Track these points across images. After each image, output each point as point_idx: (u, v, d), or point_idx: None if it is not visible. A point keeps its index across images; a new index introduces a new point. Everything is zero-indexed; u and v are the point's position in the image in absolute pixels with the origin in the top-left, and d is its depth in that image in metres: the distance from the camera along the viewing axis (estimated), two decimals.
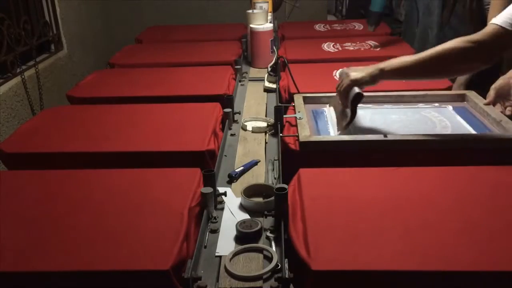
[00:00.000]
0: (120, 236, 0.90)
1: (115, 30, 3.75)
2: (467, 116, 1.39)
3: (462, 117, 1.39)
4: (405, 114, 1.43)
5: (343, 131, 1.30)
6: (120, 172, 1.15)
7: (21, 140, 1.34)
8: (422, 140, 1.19)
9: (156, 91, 1.71)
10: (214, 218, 1.06)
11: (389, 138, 1.20)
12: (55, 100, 2.67)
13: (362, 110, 1.44)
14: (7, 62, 2.25)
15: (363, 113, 1.43)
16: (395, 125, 1.35)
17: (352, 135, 1.24)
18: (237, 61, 2.07)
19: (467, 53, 1.18)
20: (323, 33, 2.56)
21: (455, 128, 1.32)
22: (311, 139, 1.21)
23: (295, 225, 0.93)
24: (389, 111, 1.46)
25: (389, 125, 1.35)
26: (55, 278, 0.83)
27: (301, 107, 1.42)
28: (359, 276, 0.81)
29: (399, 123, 1.37)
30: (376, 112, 1.46)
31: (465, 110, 1.43)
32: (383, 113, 1.45)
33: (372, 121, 1.38)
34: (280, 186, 1.01)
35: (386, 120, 1.39)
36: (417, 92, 1.52)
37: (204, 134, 1.30)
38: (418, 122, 1.37)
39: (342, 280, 0.81)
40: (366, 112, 1.45)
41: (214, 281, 0.89)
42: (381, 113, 1.45)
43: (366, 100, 1.42)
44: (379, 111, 1.46)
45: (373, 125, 1.36)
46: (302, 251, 0.84)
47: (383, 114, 1.44)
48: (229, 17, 3.60)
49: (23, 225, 0.95)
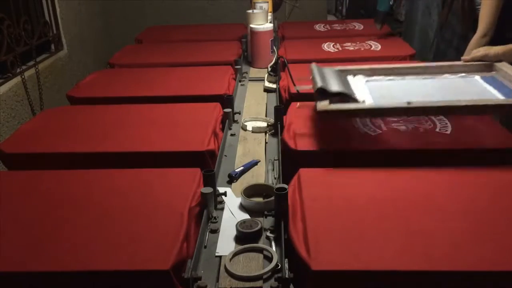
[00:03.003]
0: (120, 236, 0.90)
1: (115, 30, 3.75)
2: (497, 85, 1.34)
3: (492, 85, 1.34)
4: (430, 83, 1.39)
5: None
6: (120, 172, 1.15)
7: (21, 140, 1.34)
8: (449, 107, 1.14)
9: (156, 91, 1.71)
10: (214, 218, 1.06)
11: (413, 104, 1.14)
12: (55, 100, 2.67)
13: (383, 81, 1.41)
14: (7, 62, 2.25)
15: (384, 83, 1.40)
16: (418, 93, 1.31)
17: (373, 103, 1.21)
18: (237, 61, 2.07)
19: None
20: (323, 33, 2.56)
21: (484, 96, 1.27)
22: (330, 107, 1.15)
23: (295, 225, 0.93)
24: (412, 82, 1.42)
25: (412, 94, 1.29)
26: (55, 278, 0.83)
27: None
28: (359, 276, 0.81)
29: (423, 91, 1.32)
30: (398, 82, 1.42)
31: (494, 79, 1.38)
32: (405, 83, 1.42)
33: (394, 91, 1.34)
34: (280, 186, 1.01)
35: (409, 89, 1.35)
36: (443, 63, 1.48)
37: (204, 134, 1.30)
38: (443, 90, 1.33)
39: (342, 280, 0.81)
40: (388, 82, 1.42)
41: (214, 281, 0.89)
42: (403, 84, 1.42)
43: (389, 73, 1.42)
44: (401, 82, 1.43)
45: (394, 94, 1.32)
46: (302, 251, 0.84)
47: (405, 84, 1.41)
48: (229, 17, 3.61)
49: (23, 225, 0.95)
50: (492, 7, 1.91)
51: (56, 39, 2.84)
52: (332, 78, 1.29)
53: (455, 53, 2.16)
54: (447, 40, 2.22)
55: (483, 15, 1.93)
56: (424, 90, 1.36)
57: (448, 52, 2.21)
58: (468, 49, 2.01)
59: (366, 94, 1.30)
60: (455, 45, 2.16)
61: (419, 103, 1.16)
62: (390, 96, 1.30)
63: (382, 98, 1.27)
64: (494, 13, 1.91)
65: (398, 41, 2.37)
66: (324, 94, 1.18)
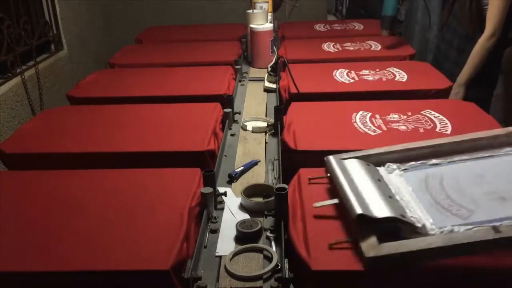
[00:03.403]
0: (120, 236, 0.90)
1: (115, 30, 3.75)
2: None
3: None
4: (484, 166, 1.00)
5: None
6: (120, 172, 1.15)
7: (21, 140, 1.34)
8: None
9: (156, 91, 1.71)
10: (214, 218, 1.06)
11: (503, 232, 0.77)
12: (55, 100, 2.67)
13: (422, 170, 1.02)
14: (7, 62, 2.25)
15: (423, 173, 1.00)
16: (478, 190, 0.92)
17: (442, 234, 0.81)
18: (237, 61, 2.07)
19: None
20: (323, 33, 2.56)
21: None
22: (382, 251, 0.78)
23: (295, 225, 0.93)
24: (459, 166, 1.01)
25: (469, 192, 0.91)
26: (55, 278, 0.83)
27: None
28: (359, 276, 0.81)
29: (483, 185, 0.94)
30: (441, 170, 1.00)
31: None
32: (450, 170, 1.01)
33: (447, 186, 0.94)
34: (280, 186, 1.01)
35: (460, 180, 0.96)
36: (496, 131, 1.07)
37: (204, 134, 1.30)
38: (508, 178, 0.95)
39: (342, 280, 0.81)
40: (430, 170, 1.01)
41: (214, 281, 0.89)
42: (448, 171, 1.00)
43: (429, 153, 1.05)
44: (445, 169, 1.01)
45: (449, 192, 0.93)
46: (302, 251, 0.84)
47: (451, 172, 1.00)
48: (229, 17, 3.61)
49: (23, 225, 0.95)
50: (500, 7, 1.90)
51: (56, 39, 2.84)
52: (365, 182, 0.94)
53: (456, 53, 2.16)
54: (448, 40, 2.22)
55: (491, 15, 1.93)
56: (483, 181, 0.96)
57: (449, 53, 2.21)
58: (474, 50, 2.00)
59: (412, 198, 0.93)
60: (456, 46, 2.16)
61: (509, 228, 0.78)
62: (446, 199, 0.92)
63: (436, 205, 0.91)
64: (502, 13, 1.91)
65: (398, 41, 2.37)
66: (365, 221, 0.84)
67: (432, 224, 0.84)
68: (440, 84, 1.64)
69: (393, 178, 1.01)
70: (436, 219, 0.86)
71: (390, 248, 0.78)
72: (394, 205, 0.87)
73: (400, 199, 0.92)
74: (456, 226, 0.82)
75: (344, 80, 1.72)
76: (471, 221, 0.84)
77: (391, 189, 0.96)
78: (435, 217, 0.87)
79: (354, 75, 1.75)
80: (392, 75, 1.75)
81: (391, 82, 1.69)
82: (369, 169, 1.01)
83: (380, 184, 0.96)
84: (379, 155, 1.06)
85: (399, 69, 1.79)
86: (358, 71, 1.79)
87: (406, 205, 0.91)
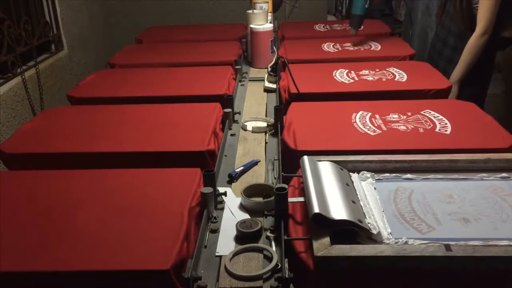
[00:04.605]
0: (120, 236, 0.90)
1: (115, 30, 3.75)
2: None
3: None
4: (460, 187, 1.00)
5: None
6: (121, 172, 1.15)
7: (22, 140, 1.34)
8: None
9: (156, 91, 1.71)
10: (214, 218, 1.06)
11: (454, 252, 0.78)
12: (55, 100, 2.67)
13: (396, 182, 1.03)
14: (7, 62, 2.25)
15: (396, 186, 1.01)
16: (448, 208, 0.93)
17: (394, 246, 0.81)
18: (237, 61, 2.07)
19: None
20: (323, 33, 2.56)
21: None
22: (332, 252, 0.79)
23: (295, 225, 0.93)
24: (436, 185, 1.01)
25: (440, 210, 0.92)
26: (55, 278, 0.84)
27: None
28: (359, 276, 0.81)
29: (456, 204, 0.94)
30: (415, 185, 1.01)
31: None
32: (425, 187, 1.01)
33: (414, 203, 0.95)
34: (280, 186, 1.01)
35: (434, 198, 0.96)
36: (475, 155, 1.07)
37: (204, 134, 1.30)
38: (485, 202, 0.95)
39: (342, 280, 0.81)
40: (404, 184, 1.02)
41: (214, 281, 0.89)
42: (422, 188, 1.00)
43: (405, 167, 1.06)
44: (419, 184, 1.02)
45: (415, 207, 0.94)
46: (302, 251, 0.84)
47: (425, 188, 1.00)
48: (229, 17, 3.61)
49: (23, 225, 0.95)
50: (490, 5, 1.91)
51: (56, 39, 2.84)
52: (332, 185, 0.96)
53: (451, 52, 2.17)
54: (442, 39, 2.23)
55: (481, 13, 1.94)
56: (450, 201, 0.96)
57: (444, 51, 2.22)
58: (466, 48, 2.01)
59: (376, 206, 0.94)
60: (450, 44, 2.17)
61: (461, 248, 0.79)
62: (410, 212, 0.92)
63: (399, 217, 0.91)
64: (493, 11, 1.92)
65: (398, 41, 2.37)
66: (322, 220, 0.85)
67: (389, 234, 0.86)
68: (440, 84, 1.64)
69: (363, 185, 1.02)
70: (395, 230, 0.87)
71: (340, 250, 0.79)
72: (354, 210, 0.88)
73: (364, 205, 0.94)
74: (412, 239, 0.83)
75: (344, 80, 1.72)
76: (429, 237, 0.85)
77: (357, 195, 0.97)
78: (395, 227, 0.88)
79: (354, 75, 1.76)
80: (392, 75, 1.75)
81: (391, 82, 1.69)
82: (341, 173, 1.02)
83: (347, 188, 0.97)
84: (356, 163, 1.08)
85: (399, 69, 1.79)
86: (358, 71, 1.79)
87: (368, 212, 0.91)
